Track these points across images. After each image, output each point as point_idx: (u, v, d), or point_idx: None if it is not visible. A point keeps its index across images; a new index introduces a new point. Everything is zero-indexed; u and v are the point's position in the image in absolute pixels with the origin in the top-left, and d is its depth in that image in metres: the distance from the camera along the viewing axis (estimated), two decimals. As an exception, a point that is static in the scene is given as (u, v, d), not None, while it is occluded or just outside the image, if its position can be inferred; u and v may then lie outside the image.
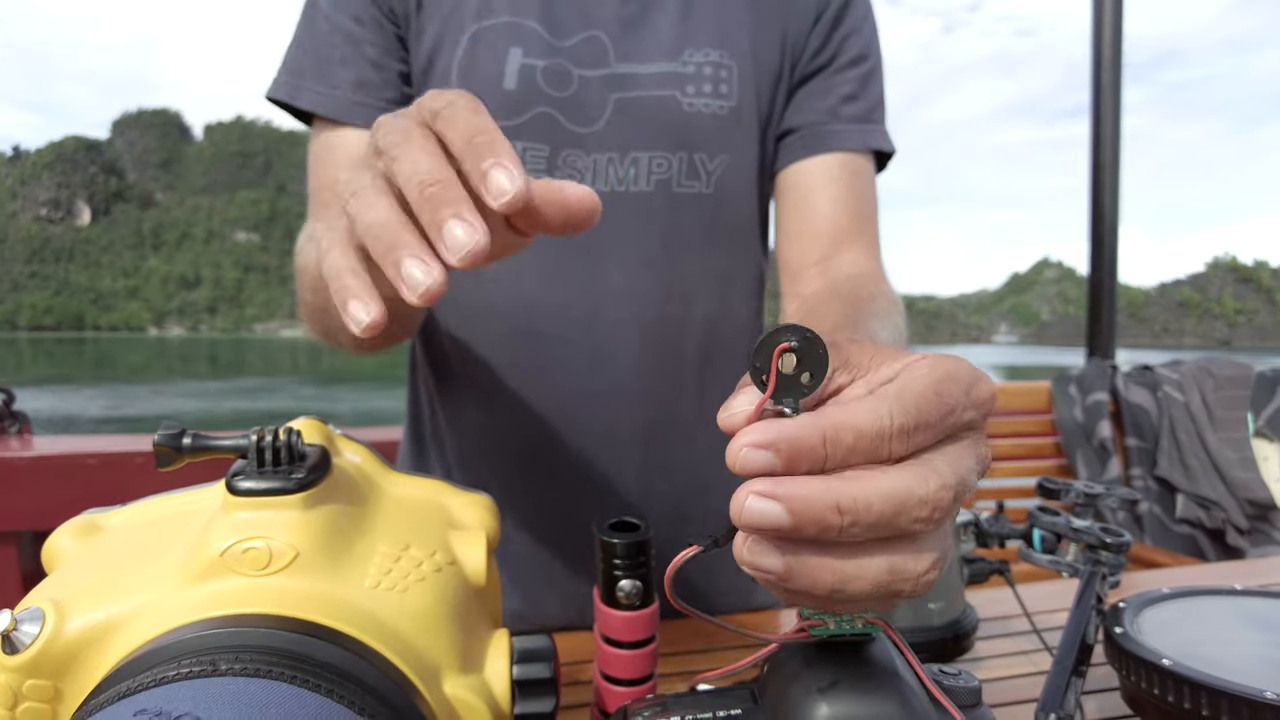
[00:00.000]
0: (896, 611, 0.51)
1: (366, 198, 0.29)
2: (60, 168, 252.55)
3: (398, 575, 0.30)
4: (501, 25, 0.63)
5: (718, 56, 0.66)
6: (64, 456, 1.47)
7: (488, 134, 0.28)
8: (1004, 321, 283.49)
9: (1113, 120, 1.98)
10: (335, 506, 0.31)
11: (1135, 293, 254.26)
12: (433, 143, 0.29)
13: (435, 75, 0.64)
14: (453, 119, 0.29)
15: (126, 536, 0.33)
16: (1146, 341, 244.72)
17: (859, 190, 0.69)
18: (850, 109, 0.69)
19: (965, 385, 0.24)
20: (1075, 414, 1.62)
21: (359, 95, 0.63)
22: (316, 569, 0.29)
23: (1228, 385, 1.60)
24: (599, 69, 0.65)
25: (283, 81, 0.66)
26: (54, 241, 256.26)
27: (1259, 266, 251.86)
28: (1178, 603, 0.46)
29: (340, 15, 0.64)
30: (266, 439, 0.30)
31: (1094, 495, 0.49)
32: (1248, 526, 1.51)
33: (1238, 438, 1.56)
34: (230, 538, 0.28)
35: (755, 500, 0.21)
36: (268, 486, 0.29)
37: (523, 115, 0.63)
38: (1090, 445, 1.60)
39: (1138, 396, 1.62)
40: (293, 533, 0.29)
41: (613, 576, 0.36)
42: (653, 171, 0.65)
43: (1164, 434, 1.59)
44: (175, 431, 0.30)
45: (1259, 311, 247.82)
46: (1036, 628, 0.54)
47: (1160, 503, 1.57)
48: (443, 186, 0.27)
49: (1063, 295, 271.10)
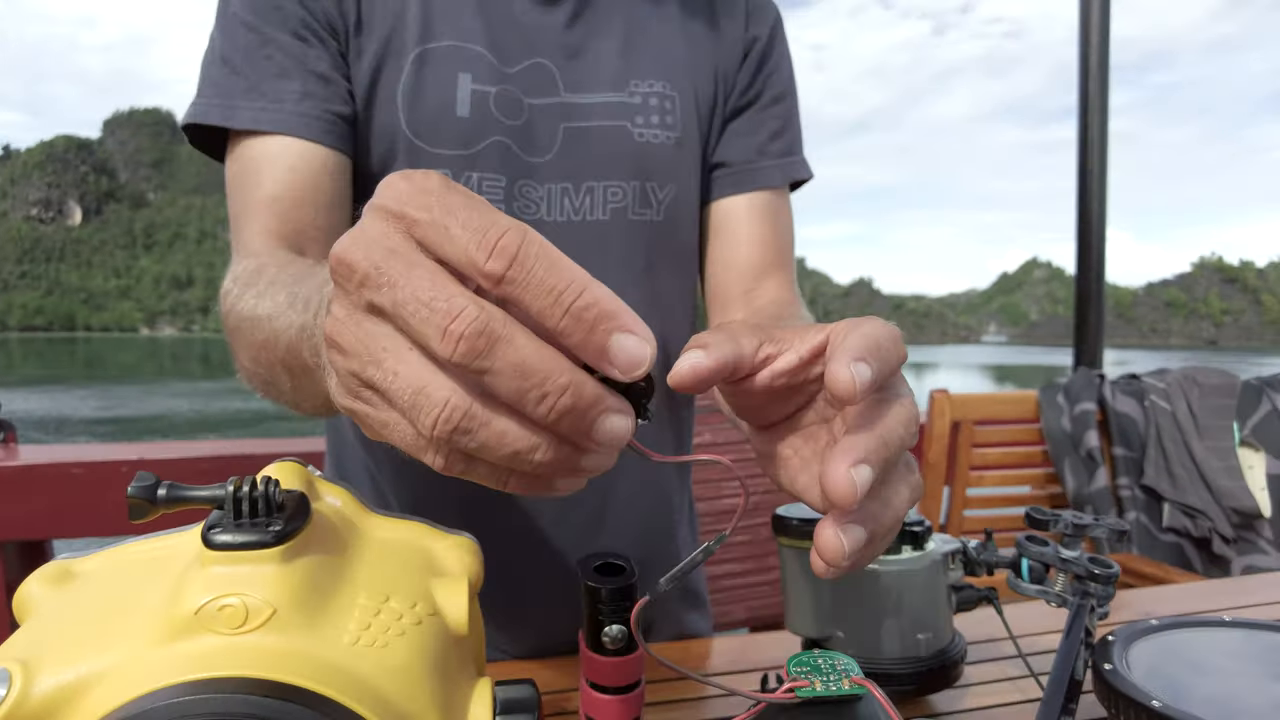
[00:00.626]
0: (884, 641, 0.51)
1: (484, 430, 0.23)
2: (51, 167, 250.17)
3: (378, 630, 0.29)
4: (447, 49, 0.62)
5: (661, 87, 0.68)
6: (49, 465, 1.45)
7: (586, 292, 0.22)
8: (993, 321, 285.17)
9: (1100, 129, 1.98)
10: (314, 558, 0.30)
11: (1123, 293, 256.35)
12: (519, 330, 0.22)
13: (379, 99, 0.61)
14: (528, 280, 0.22)
15: (100, 585, 0.33)
16: (1134, 341, 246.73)
17: (779, 226, 0.75)
18: (776, 145, 0.75)
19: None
20: (1063, 423, 1.63)
21: (304, 105, 0.59)
22: (294, 626, 0.28)
23: (1213, 394, 1.61)
24: (548, 97, 0.64)
25: (213, 104, 0.60)
26: (45, 241, 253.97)
27: (1245, 267, 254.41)
28: (1167, 635, 0.46)
29: (274, 30, 0.60)
30: (244, 489, 0.30)
31: (1083, 525, 0.49)
32: (1233, 535, 1.52)
33: (1223, 446, 1.57)
34: (205, 594, 0.28)
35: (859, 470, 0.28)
36: (244, 540, 0.29)
37: (478, 144, 0.62)
38: (1078, 454, 1.60)
39: (1125, 405, 1.62)
40: (270, 588, 0.28)
41: (598, 622, 0.35)
42: (608, 200, 0.66)
43: (1151, 443, 1.60)
44: (149, 483, 0.29)
45: (1245, 311, 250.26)
46: (1024, 654, 0.54)
47: (1147, 512, 1.58)
48: (575, 392, 0.22)
49: (1051, 295, 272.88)
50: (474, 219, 0.23)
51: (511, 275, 0.22)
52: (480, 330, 0.22)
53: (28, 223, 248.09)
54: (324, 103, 0.60)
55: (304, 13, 0.60)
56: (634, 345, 0.23)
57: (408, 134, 0.61)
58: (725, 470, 1.62)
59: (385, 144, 0.62)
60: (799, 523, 0.52)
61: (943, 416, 1.65)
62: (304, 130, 0.59)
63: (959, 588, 0.56)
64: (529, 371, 0.22)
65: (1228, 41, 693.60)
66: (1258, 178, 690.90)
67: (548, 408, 0.22)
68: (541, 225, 0.64)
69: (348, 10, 0.61)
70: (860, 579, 0.51)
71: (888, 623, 0.51)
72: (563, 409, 0.22)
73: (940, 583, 0.52)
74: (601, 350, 0.22)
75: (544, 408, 0.22)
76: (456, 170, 0.62)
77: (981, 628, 0.64)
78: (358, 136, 0.62)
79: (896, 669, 0.50)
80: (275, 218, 0.58)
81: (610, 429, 0.23)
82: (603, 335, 0.22)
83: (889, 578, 0.51)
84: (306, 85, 0.60)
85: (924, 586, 0.51)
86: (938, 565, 0.52)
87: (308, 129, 0.59)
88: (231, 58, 0.60)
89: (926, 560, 0.51)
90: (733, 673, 0.60)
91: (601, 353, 0.22)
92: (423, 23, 0.61)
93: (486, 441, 0.23)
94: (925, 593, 0.51)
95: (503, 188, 0.63)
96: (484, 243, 0.23)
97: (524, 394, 0.22)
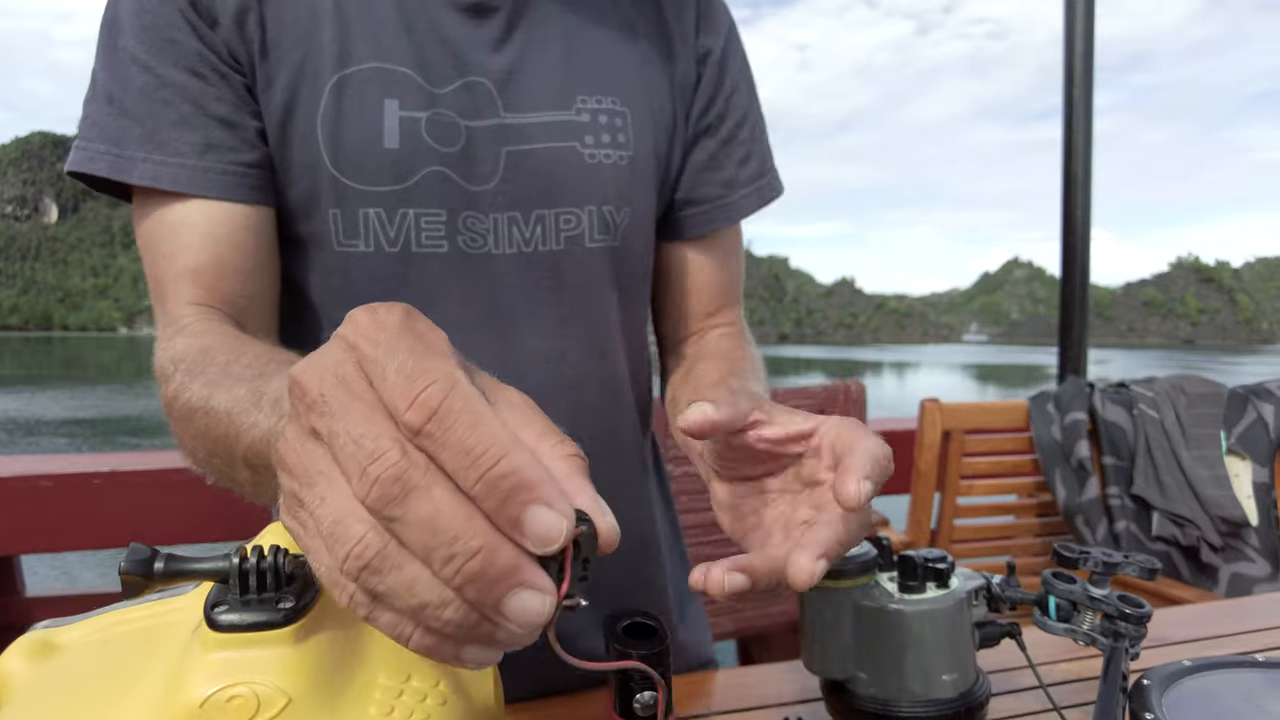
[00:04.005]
0: (908, 682, 0.49)
1: (393, 574, 0.22)
2: (27, 164, 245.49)
3: (402, 714, 0.27)
4: (369, 73, 0.55)
5: (611, 103, 0.63)
6: (17, 479, 1.39)
7: (504, 460, 0.21)
8: (974, 321, 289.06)
9: (1084, 136, 1.99)
10: (328, 635, 0.28)
11: (1102, 293, 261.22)
12: (440, 482, 0.21)
13: (295, 133, 0.55)
14: (445, 438, 0.21)
15: (86, 661, 0.30)
16: (1113, 341, 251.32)
17: (736, 258, 0.74)
18: (745, 172, 0.71)
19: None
20: (1053, 433, 1.63)
21: (207, 160, 0.53)
22: (312, 716, 0.25)
23: (1200, 403, 1.62)
24: (486, 119, 0.59)
25: (99, 152, 0.53)
26: (20, 240, 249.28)
27: (1221, 267, 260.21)
28: (1201, 678, 0.45)
29: (168, 68, 0.53)
30: (250, 561, 0.27)
31: (1113, 564, 0.47)
32: (1221, 544, 1.53)
33: (1211, 455, 1.58)
34: (211, 684, 0.25)
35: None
36: (253, 620, 0.26)
37: (412, 177, 0.56)
38: (1069, 464, 1.60)
39: (1114, 415, 1.63)
40: (283, 674, 0.26)
41: (629, 688, 0.33)
42: (560, 229, 0.61)
43: (1140, 452, 1.60)
44: (145, 557, 0.27)
45: (1220, 311, 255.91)
46: (1045, 685, 0.53)
47: (1136, 521, 1.58)
48: (485, 559, 0.21)
49: (1032, 295, 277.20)
50: (409, 364, 0.22)
51: (429, 430, 0.21)
52: (396, 477, 0.21)
53: (2, 220, 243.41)
54: (230, 153, 0.54)
55: (200, 46, 0.53)
56: (549, 520, 0.21)
57: (331, 171, 0.55)
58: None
59: (307, 183, 0.56)
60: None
61: (934, 426, 1.65)
62: (212, 189, 0.53)
63: (982, 624, 0.54)
64: (439, 529, 0.21)
65: (1207, 44, 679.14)
66: (1235, 179, 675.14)
67: (453, 570, 0.21)
68: (490, 259, 0.59)
69: (251, 36, 0.54)
70: (883, 618, 0.49)
71: (911, 663, 0.49)
72: (469, 574, 0.21)
73: (965, 621, 0.51)
74: (515, 522, 0.21)
75: (449, 569, 0.21)
76: (390, 208, 0.56)
77: (997, 657, 0.62)
78: (276, 175, 0.56)
79: (921, 712, 0.49)
80: (201, 289, 0.54)
81: (520, 606, 0.21)
82: (517, 506, 0.21)
83: (913, 617, 0.49)
84: (209, 135, 0.53)
85: (948, 625, 0.50)
86: (962, 603, 0.50)
87: (215, 187, 0.53)
88: (121, 99, 0.53)
89: (951, 599, 0.50)
90: (747, 710, 0.58)
91: (515, 524, 0.21)
92: (339, 44, 0.55)
93: (394, 587, 0.21)
94: (950, 632, 0.50)
95: (444, 222, 0.58)
96: (408, 391, 0.22)
97: (431, 551, 0.21)
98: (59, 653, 0.31)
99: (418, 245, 0.58)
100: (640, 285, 0.69)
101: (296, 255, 0.59)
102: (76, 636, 0.31)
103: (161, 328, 0.54)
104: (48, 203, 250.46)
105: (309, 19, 0.55)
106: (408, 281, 0.58)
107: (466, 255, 0.59)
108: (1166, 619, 0.75)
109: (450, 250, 0.58)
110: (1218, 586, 1.54)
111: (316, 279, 0.59)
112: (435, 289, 0.59)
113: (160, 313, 0.55)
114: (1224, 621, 0.74)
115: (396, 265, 0.58)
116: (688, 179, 0.70)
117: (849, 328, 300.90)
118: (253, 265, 0.56)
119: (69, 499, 1.40)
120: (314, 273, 0.59)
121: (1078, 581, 0.50)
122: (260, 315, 0.58)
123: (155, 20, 0.53)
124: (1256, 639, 0.70)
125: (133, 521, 1.42)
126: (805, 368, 67.43)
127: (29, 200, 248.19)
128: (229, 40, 0.54)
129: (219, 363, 0.45)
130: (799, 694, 0.60)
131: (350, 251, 0.57)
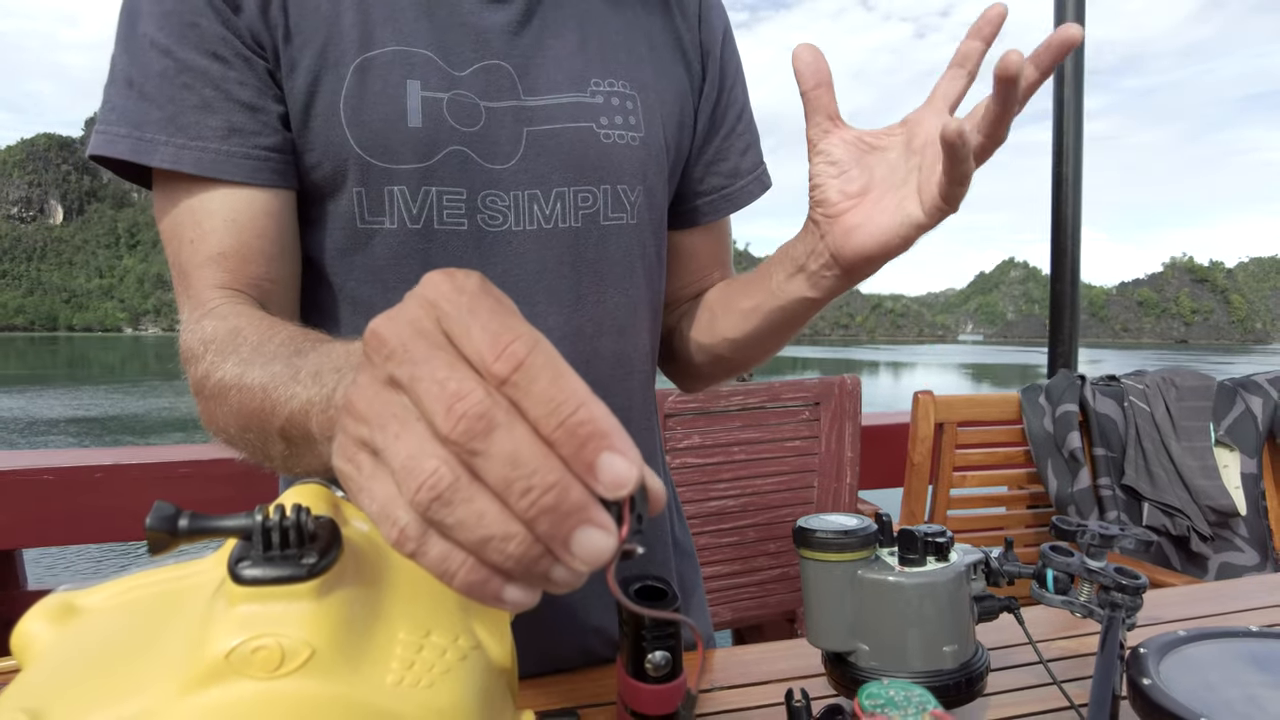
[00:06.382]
0: (909, 654, 0.50)
1: (464, 506, 0.23)
2: (32, 166, 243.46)
3: (422, 669, 0.28)
4: (391, 55, 0.57)
5: (621, 86, 0.65)
6: (17, 473, 1.39)
7: (583, 408, 0.23)
8: (970, 321, 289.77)
9: (1074, 137, 2.01)
10: (350, 591, 0.28)
11: (1096, 292, 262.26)
12: (520, 424, 0.23)
13: (318, 115, 0.56)
14: (529, 388, 0.23)
15: (109, 621, 0.30)
16: (1107, 340, 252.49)
17: (729, 239, 0.80)
18: (747, 161, 0.76)
19: None
20: (1045, 424, 1.64)
21: (231, 144, 0.54)
22: (335, 668, 0.26)
23: (1190, 395, 1.64)
24: (506, 100, 0.60)
25: (119, 135, 0.54)
26: (25, 241, 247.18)
27: (1214, 267, 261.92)
28: (1197, 647, 0.46)
29: (190, 52, 0.53)
30: (273, 519, 0.28)
31: (1109, 536, 0.48)
32: (1210, 533, 1.55)
33: (1200, 446, 1.60)
34: (236, 635, 0.26)
35: None
36: (277, 574, 0.27)
37: (434, 156, 0.58)
38: (1061, 455, 1.62)
39: (1105, 407, 1.65)
40: (307, 627, 0.26)
41: (640, 648, 0.34)
42: (579, 206, 0.63)
43: (1130, 443, 1.62)
44: (169, 514, 0.27)
45: (1213, 311, 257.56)
46: (1045, 661, 0.54)
47: (1127, 511, 1.60)
48: (560, 494, 0.22)
49: (1027, 295, 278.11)
50: (493, 323, 0.24)
51: (515, 380, 0.23)
52: (482, 413, 0.23)
53: (8, 222, 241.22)
54: (253, 138, 0.55)
55: (224, 30, 0.54)
56: (621, 466, 0.23)
57: (357, 151, 0.57)
58: (712, 473, 1.61)
59: (332, 163, 0.57)
60: (821, 535, 0.51)
61: (927, 418, 1.66)
62: (236, 174, 0.54)
63: (980, 598, 0.55)
64: (519, 462, 0.22)
65: (1201, 47, 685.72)
66: (1229, 180, 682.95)
67: (530, 501, 0.22)
68: (510, 235, 0.61)
69: (274, 21, 0.55)
70: (884, 590, 0.50)
71: (913, 635, 0.50)
72: (544, 506, 0.22)
73: (964, 594, 0.51)
74: (589, 466, 0.23)
75: (526, 501, 0.22)
76: (414, 186, 0.58)
77: (996, 634, 0.63)
78: (299, 156, 0.57)
79: (922, 683, 0.50)
80: (225, 273, 0.55)
81: (588, 541, 0.23)
82: (592, 452, 0.23)
83: (913, 589, 0.50)
84: (231, 119, 0.54)
85: (949, 598, 0.50)
86: (961, 576, 0.51)
87: (239, 172, 0.54)
88: (141, 84, 0.53)
89: (951, 572, 0.50)
90: (749, 685, 0.59)
91: (589, 468, 0.23)
92: (361, 29, 0.56)
93: (464, 519, 0.23)
94: (950, 604, 0.50)
95: (464, 200, 0.59)
96: (495, 345, 0.24)
97: (510, 483, 0.22)
98: (81, 615, 0.31)
99: (439, 222, 0.59)
100: (657, 264, 0.71)
101: (314, 233, 0.60)
102: (99, 599, 0.32)
103: (188, 311, 0.54)
104: (53, 204, 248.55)
105: (330, 4, 0.56)
106: (429, 257, 0.59)
107: (485, 233, 0.60)
108: (1159, 599, 0.76)
109: (470, 228, 0.60)
110: (1207, 575, 1.56)
111: (334, 257, 0.60)
112: (455, 265, 0.60)
113: (185, 297, 0.55)
114: (1215, 601, 0.75)
115: (419, 241, 0.59)
116: (698, 171, 0.74)
117: (845, 327, 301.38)
118: (276, 250, 0.57)
119: (72, 492, 1.40)
120: (332, 250, 0.60)
121: (1075, 555, 0.50)
122: (284, 297, 0.59)
123: (176, 5, 0.53)
124: (1247, 617, 0.71)
125: (134, 515, 1.42)
126: (802, 367, 67.56)
127: (34, 202, 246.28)
128: (252, 25, 0.54)
129: (250, 342, 0.46)
130: (799, 670, 0.61)
131: (375, 228, 0.58)
